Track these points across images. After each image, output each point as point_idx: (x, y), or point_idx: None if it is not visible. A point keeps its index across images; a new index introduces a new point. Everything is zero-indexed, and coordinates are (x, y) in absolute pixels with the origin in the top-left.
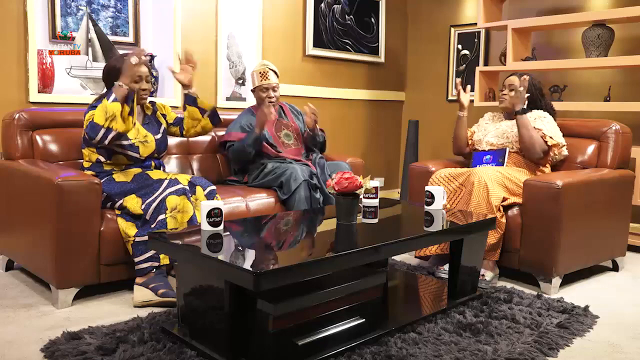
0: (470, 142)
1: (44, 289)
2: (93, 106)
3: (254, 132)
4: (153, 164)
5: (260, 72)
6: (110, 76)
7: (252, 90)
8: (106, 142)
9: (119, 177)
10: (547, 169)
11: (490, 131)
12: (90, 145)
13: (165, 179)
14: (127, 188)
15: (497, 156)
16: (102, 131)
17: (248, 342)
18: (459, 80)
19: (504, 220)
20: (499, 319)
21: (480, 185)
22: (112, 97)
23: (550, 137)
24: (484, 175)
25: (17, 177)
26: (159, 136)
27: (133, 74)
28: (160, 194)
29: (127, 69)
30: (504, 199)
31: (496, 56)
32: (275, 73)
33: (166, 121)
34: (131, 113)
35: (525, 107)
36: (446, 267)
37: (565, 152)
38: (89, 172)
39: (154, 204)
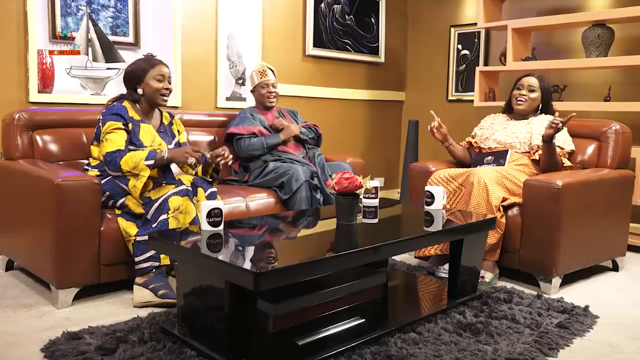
0: (474, 144)
1: (44, 289)
2: (113, 114)
3: (278, 137)
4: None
5: (259, 71)
6: (133, 79)
7: (251, 91)
8: (114, 174)
9: None
10: None
11: (498, 130)
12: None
13: None
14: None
15: (499, 157)
16: (119, 173)
17: (248, 342)
18: (435, 123)
19: (503, 220)
20: (499, 319)
21: (480, 186)
22: (151, 161)
23: (567, 159)
24: (483, 176)
25: (17, 177)
26: (171, 146)
27: (181, 154)
28: (163, 193)
29: (180, 155)
30: (504, 199)
31: (496, 56)
32: (273, 72)
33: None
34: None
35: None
36: (446, 266)
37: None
38: (94, 172)
39: (156, 204)
